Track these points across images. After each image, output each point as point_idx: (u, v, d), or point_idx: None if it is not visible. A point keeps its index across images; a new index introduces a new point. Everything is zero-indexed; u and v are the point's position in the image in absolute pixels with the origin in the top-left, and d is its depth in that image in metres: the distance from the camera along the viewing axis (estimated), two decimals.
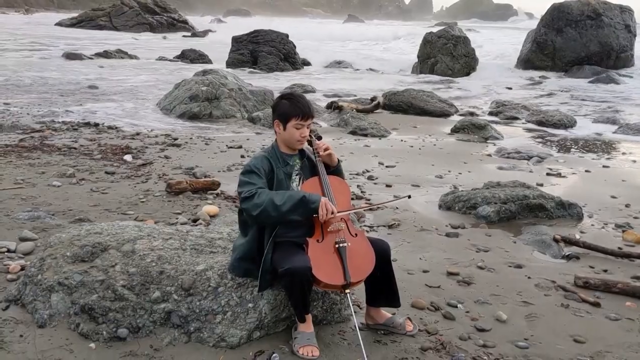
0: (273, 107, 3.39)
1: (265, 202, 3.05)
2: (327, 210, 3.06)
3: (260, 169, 3.21)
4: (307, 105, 3.28)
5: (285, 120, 3.24)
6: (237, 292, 3.30)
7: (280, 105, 3.30)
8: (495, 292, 4.09)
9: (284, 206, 3.05)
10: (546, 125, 12.23)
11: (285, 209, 3.05)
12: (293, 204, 3.06)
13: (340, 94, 16.09)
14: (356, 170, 7.56)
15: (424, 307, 3.78)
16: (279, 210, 3.05)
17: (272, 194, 3.10)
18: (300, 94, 3.41)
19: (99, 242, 3.63)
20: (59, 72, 18.72)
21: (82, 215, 5.25)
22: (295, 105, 3.24)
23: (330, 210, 3.07)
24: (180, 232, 3.83)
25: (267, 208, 3.05)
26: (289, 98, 3.30)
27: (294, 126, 3.23)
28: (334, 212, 3.08)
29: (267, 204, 3.05)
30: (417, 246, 4.99)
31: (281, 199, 3.06)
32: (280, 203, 3.05)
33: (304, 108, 3.24)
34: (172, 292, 3.28)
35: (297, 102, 3.26)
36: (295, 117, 3.21)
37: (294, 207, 3.07)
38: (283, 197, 3.08)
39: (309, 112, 3.26)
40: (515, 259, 4.79)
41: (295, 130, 3.24)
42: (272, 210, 3.05)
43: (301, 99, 3.31)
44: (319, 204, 3.07)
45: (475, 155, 9.08)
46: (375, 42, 40.71)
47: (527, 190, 6.14)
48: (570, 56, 23.57)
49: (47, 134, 9.24)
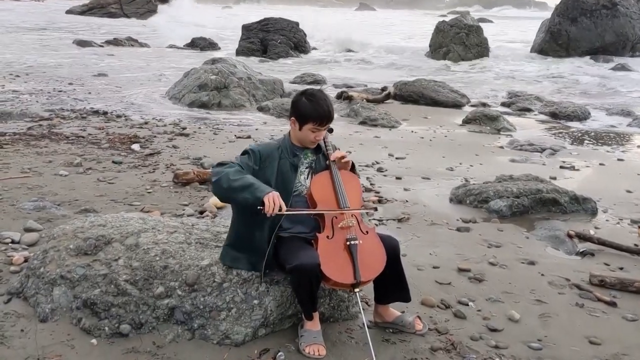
0: (293, 102, 3.22)
1: (224, 173, 2.97)
2: (274, 204, 2.86)
3: (257, 152, 3.13)
4: (328, 109, 3.10)
5: (303, 121, 3.12)
6: (243, 288, 3.22)
7: (300, 104, 3.14)
8: (507, 290, 3.99)
9: (234, 182, 2.92)
10: (559, 117, 12.03)
11: (235, 184, 2.92)
12: (243, 184, 2.92)
13: (351, 83, 15.93)
14: (365, 162, 7.45)
15: (434, 305, 3.69)
16: (230, 184, 2.93)
17: (236, 169, 2.99)
18: (323, 94, 3.17)
19: (102, 234, 3.56)
20: (69, 60, 18.67)
21: (88, 206, 5.19)
22: (315, 109, 3.07)
23: (277, 204, 2.87)
24: (186, 226, 3.75)
25: (221, 178, 2.96)
26: (311, 98, 3.12)
27: (311, 129, 3.12)
28: (281, 207, 2.89)
29: (224, 175, 2.96)
30: (427, 241, 4.89)
31: (236, 176, 2.95)
32: (233, 178, 2.94)
33: (325, 113, 3.09)
34: (176, 287, 3.21)
35: (319, 105, 3.08)
36: (314, 121, 3.09)
37: (242, 188, 2.92)
38: (240, 175, 2.96)
39: (329, 117, 3.12)
40: (528, 255, 4.67)
41: (311, 133, 3.14)
42: (224, 181, 2.95)
43: (323, 101, 3.11)
44: (265, 195, 2.87)
45: (487, 147, 8.94)
46: (387, 30, 40.37)
47: (541, 184, 6.01)
48: (585, 46, 23.23)
49: (56, 122, 9.19)
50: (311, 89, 3.22)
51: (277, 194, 2.93)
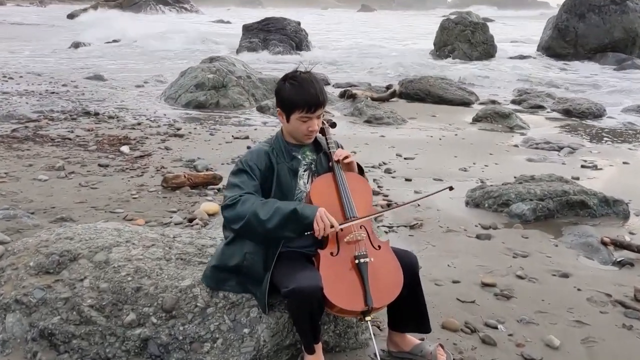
0: (276, 90, 2.68)
1: (249, 215, 2.41)
2: (325, 225, 2.39)
3: (255, 167, 2.57)
4: (316, 92, 2.54)
5: (289, 110, 2.58)
6: (230, 314, 2.68)
7: (282, 91, 2.60)
8: (541, 309, 3.44)
9: (269, 221, 2.40)
10: (573, 114, 11.44)
11: (272, 225, 2.40)
12: (281, 218, 2.40)
13: (354, 82, 15.38)
14: (372, 163, 6.91)
15: (457, 328, 3.15)
16: (265, 226, 2.40)
17: (257, 204, 2.44)
18: (310, 75, 2.61)
19: (68, 249, 3.03)
20: (65, 61, 18.21)
21: (64, 214, 4.67)
22: (300, 93, 2.53)
23: (328, 224, 2.40)
24: (166, 238, 3.21)
25: (250, 222, 2.41)
26: (293, 82, 2.57)
27: (300, 119, 2.57)
28: (333, 225, 2.41)
29: (251, 217, 2.41)
30: (444, 250, 4.35)
31: (267, 212, 2.41)
32: (265, 217, 2.40)
33: (311, 98, 2.53)
34: (150, 314, 2.68)
35: (303, 88, 2.54)
36: (301, 108, 2.54)
37: (283, 223, 2.40)
38: (270, 209, 2.42)
39: (318, 102, 2.55)
40: (560, 265, 4.12)
41: (301, 123, 2.58)
42: (257, 225, 2.41)
43: (309, 83, 2.56)
44: (314, 218, 2.39)
45: (500, 146, 8.38)
46: (389, 30, 39.86)
47: (566, 185, 5.45)
48: (593, 43, 22.58)
49: (43, 123, 8.68)
50: (294, 71, 2.65)
51: (324, 211, 2.43)
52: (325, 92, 2.63)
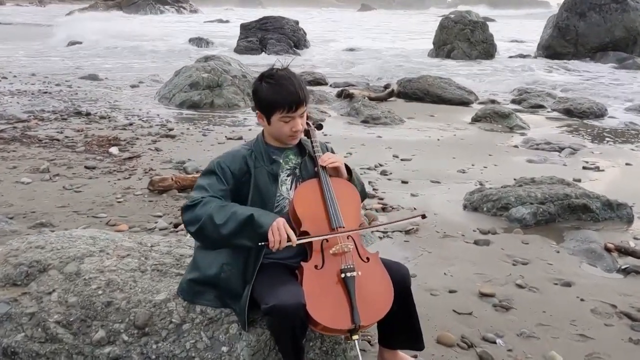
0: (252, 92, 2.49)
1: (204, 218, 2.24)
2: (281, 238, 2.19)
3: (227, 170, 2.39)
4: (295, 90, 2.36)
5: (269, 112, 2.40)
6: (208, 330, 2.49)
7: (260, 92, 2.41)
8: (542, 321, 3.25)
9: (224, 227, 2.22)
10: (574, 113, 11.24)
11: (227, 231, 2.22)
12: (237, 224, 2.22)
13: (352, 82, 15.17)
14: (367, 164, 6.70)
15: (453, 343, 2.96)
16: (219, 231, 2.22)
17: (215, 207, 2.26)
18: (287, 72, 2.43)
19: (37, 259, 2.84)
20: (60, 61, 18.03)
21: (44, 219, 4.49)
22: (278, 92, 2.35)
23: (284, 237, 2.19)
24: (143, 247, 3.02)
25: (205, 226, 2.24)
26: (270, 81, 2.38)
27: (281, 120, 2.39)
28: (290, 239, 2.21)
29: (206, 220, 2.24)
30: (440, 257, 4.15)
31: (223, 217, 2.23)
32: (220, 222, 2.22)
33: (291, 96, 2.35)
34: (121, 330, 2.48)
35: (281, 87, 2.35)
36: (281, 109, 2.35)
37: (238, 230, 2.22)
38: (226, 214, 2.24)
39: (299, 100, 2.37)
40: (562, 273, 3.93)
41: (284, 124, 2.40)
42: (212, 229, 2.23)
43: (287, 80, 2.37)
44: (268, 228, 2.19)
45: (500, 147, 8.18)
46: (389, 30, 39.65)
47: (568, 187, 5.26)
48: (594, 42, 22.38)
49: (33, 124, 8.50)
50: (270, 69, 2.46)
51: (283, 221, 2.23)
52: (306, 88, 2.44)
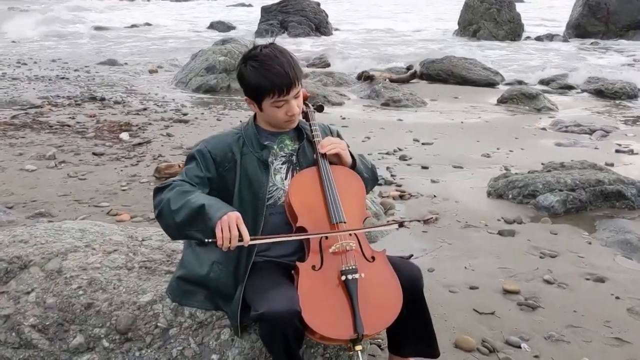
0: (238, 76, 2.17)
1: (163, 202, 2.03)
2: (231, 236, 1.91)
3: (208, 155, 2.13)
4: (283, 69, 2.05)
5: (259, 98, 2.11)
6: (197, 336, 2.24)
7: (245, 76, 2.11)
8: (572, 322, 2.94)
9: (177, 214, 2.00)
10: (606, 94, 10.75)
11: (180, 218, 2.00)
12: (188, 212, 1.99)
13: (373, 64, 14.77)
14: (386, 149, 6.40)
15: (472, 348, 2.67)
16: (174, 218, 2.01)
17: (175, 192, 2.04)
18: (274, 51, 2.10)
19: (19, 255, 2.62)
20: (81, 46, 17.97)
21: (44, 209, 4.30)
22: (265, 76, 2.05)
23: (235, 235, 1.91)
24: (133, 242, 2.77)
25: (163, 211, 2.04)
26: (255, 64, 2.07)
27: (273, 105, 2.10)
28: (242, 237, 1.92)
29: (164, 205, 2.03)
30: (461, 249, 3.85)
31: (178, 203, 2.01)
32: (174, 208, 2.01)
33: (280, 78, 2.04)
34: (102, 336, 2.25)
35: (268, 69, 2.05)
36: (271, 93, 2.07)
37: (189, 219, 1.98)
38: (182, 200, 2.01)
39: (289, 81, 2.06)
40: (594, 267, 3.60)
41: (277, 109, 2.12)
42: (168, 215, 2.03)
43: (273, 61, 2.06)
44: (216, 222, 1.92)
45: (527, 130, 7.79)
46: (412, 11, 38.85)
47: (600, 173, 4.90)
48: (626, 20, 21.54)
49: (46, 109, 8.35)
50: (254, 48, 2.14)
51: (236, 216, 1.95)
52: (297, 64, 2.13)
